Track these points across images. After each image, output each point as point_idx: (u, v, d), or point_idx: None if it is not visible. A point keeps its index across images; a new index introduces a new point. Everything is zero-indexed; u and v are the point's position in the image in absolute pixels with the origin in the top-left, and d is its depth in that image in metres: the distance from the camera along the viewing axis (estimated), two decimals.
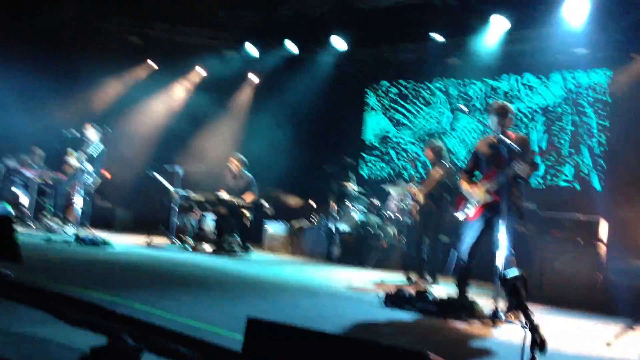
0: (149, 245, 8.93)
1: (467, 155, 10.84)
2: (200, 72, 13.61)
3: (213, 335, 3.39)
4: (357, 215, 10.07)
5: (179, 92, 13.89)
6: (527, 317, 3.30)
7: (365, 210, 10.19)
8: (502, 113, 5.43)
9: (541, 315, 5.88)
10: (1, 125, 10.59)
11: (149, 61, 13.39)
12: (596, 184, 9.96)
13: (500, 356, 3.86)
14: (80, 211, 8.66)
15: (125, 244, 8.69)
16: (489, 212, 5.38)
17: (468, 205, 5.56)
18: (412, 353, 2.01)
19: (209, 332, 3.46)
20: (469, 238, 5.53)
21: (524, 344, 2.96)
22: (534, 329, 3.03)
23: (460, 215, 5.64)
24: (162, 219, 10.10)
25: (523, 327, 3.09)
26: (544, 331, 3.01)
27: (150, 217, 11.28)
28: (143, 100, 13.34)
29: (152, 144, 13.23)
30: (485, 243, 5.43)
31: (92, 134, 9.56)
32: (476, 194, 5.47)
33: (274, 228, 10.91)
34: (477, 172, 5.76)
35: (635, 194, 8.73)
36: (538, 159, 9.65)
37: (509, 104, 5.59)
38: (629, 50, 9.57)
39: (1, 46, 10.44)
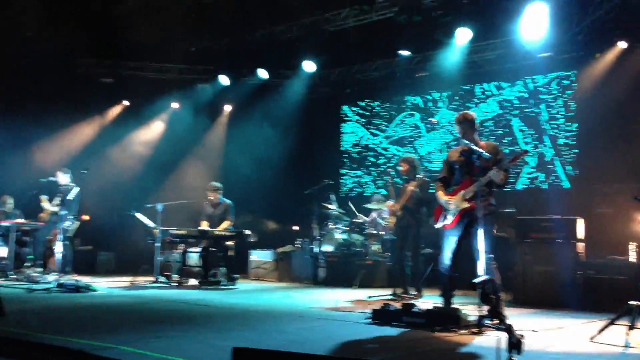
0: (132, 285, 8.86)
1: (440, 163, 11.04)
2: (174, 106, 13.61)
3: None
4: (339, 235, 10.10)
5: (155, 128, 13.86)
6: (500, 319, 3.36)
7: (347, 229, 10.22)
8: (465, 122, 5.58)
9: (526, 317, 5.93)
10: None
11: (123, 101, 13.39)
12: (565, 183, 10.17)
13: None
14: (60, 257, 8.52)
15: (109, 286, 8.59)
16: (466, 219, 5.45)
17: (445, 214, 5.62)
18: None
19: None
20: (448, 247, 5.60)
21: (498, 346, 2.99)
22: (508, 330, 3.08)
23: (438, 224, 5.70)
24: (145, 257, 10.00)
25: (498, 329, 3.15)
26: (518, 332, 3.05)
27: (133, 257, 11.15)
28: (119, 140, 13.27)
29: (131, 183, 13.13)
30: (466, 251, 5.47)
31: (62, 178, 9.55)
32: (452, 202, 5.54)
33: (259, 256, 10.85)
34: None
35: (608, 190, 8.88)
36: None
37: (470, 113, 5.72)
38: (593, 50, 9.80)
39: None
